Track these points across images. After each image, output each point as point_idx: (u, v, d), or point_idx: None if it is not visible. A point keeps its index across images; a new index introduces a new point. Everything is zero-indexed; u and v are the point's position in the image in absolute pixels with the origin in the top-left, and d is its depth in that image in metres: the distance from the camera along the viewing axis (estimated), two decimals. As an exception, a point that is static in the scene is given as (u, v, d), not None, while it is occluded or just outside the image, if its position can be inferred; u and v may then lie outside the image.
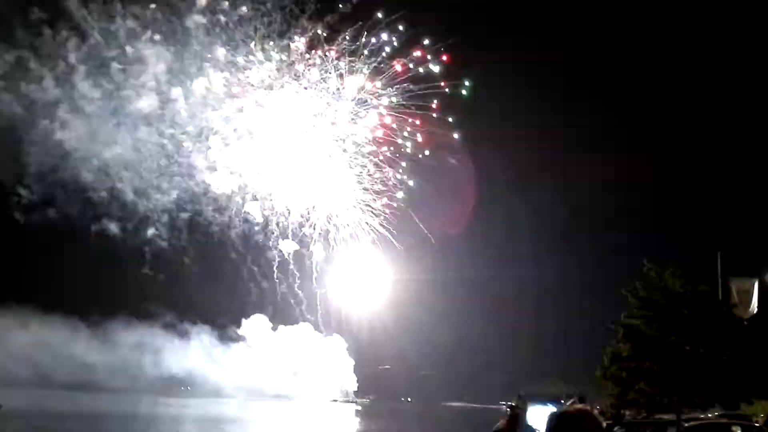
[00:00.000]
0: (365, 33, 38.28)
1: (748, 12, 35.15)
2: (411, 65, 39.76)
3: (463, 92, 41.61)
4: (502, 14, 41.20)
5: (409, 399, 55.28)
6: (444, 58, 40.88)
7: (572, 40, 40.46)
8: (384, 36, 38.73)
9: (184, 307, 40.67)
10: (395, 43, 38.92)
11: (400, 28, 38.70)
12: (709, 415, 26.26)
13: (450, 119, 41.89)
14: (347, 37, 38.27)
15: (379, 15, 38.63)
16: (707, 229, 38.43)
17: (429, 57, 39.77)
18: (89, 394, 39.51)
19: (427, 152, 42.47)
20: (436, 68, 40.28)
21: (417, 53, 39.31)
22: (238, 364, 42.96)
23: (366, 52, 38.79)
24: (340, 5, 37.82)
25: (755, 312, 34.90)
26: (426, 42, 39.26)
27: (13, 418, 27.59)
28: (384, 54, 39.01)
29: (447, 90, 41.57)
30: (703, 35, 38.17)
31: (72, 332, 38.15)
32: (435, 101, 41.68)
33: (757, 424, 21.17)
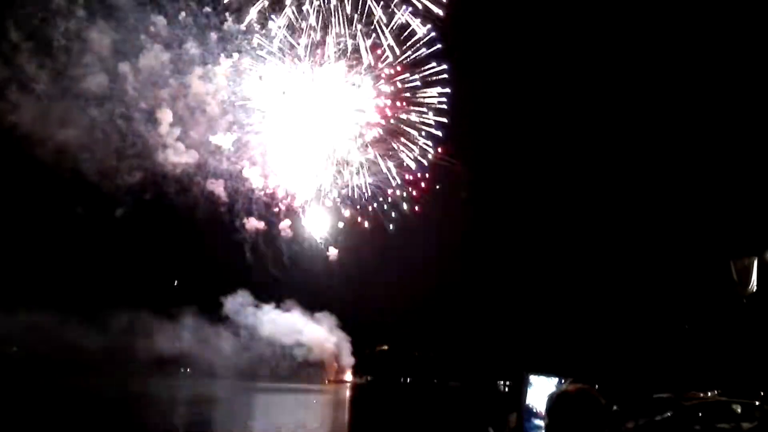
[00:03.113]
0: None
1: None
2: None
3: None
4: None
5: (408, 379, 55.40)
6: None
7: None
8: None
9: (164, 290, 40.50)
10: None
11: None
12: (709, 394, 26.16)
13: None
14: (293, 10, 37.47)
15: None
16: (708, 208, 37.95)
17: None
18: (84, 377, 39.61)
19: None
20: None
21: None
22: (226, 344, 42.74)
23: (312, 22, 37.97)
24: None
25: (755, 290, 34.69)
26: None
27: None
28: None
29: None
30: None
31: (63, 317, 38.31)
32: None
33: (757, 403, 21.02)
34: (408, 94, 40.33)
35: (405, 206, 40.79)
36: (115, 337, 38.47)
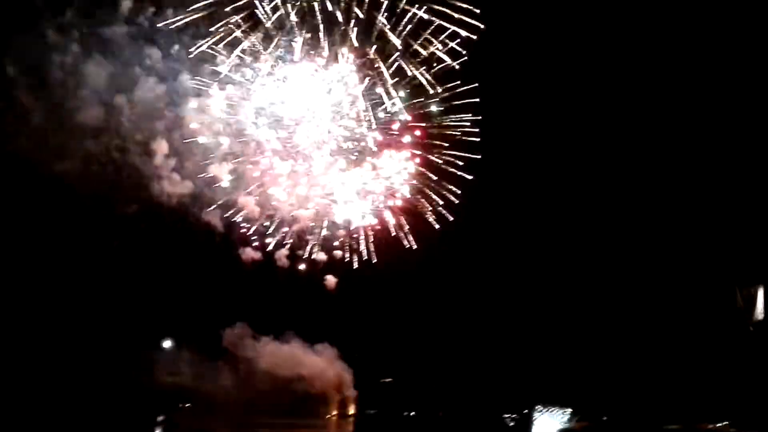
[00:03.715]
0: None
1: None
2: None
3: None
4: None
5: (412, 413, 54.71)
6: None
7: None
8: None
9: (162, 322, 40.56)
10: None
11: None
12: (718, 425, 25.77)
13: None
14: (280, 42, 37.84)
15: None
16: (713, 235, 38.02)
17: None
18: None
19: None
20: None
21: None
22: (225, 378, 42.47)
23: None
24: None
25: (761, 318, 34.51)
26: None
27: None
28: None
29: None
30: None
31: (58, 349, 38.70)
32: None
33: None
34: (424, 124, 39.10)
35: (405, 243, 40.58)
36: (112, 370, 38.33)
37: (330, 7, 35.76)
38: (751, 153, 37.44)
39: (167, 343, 41.45)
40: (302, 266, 40.34)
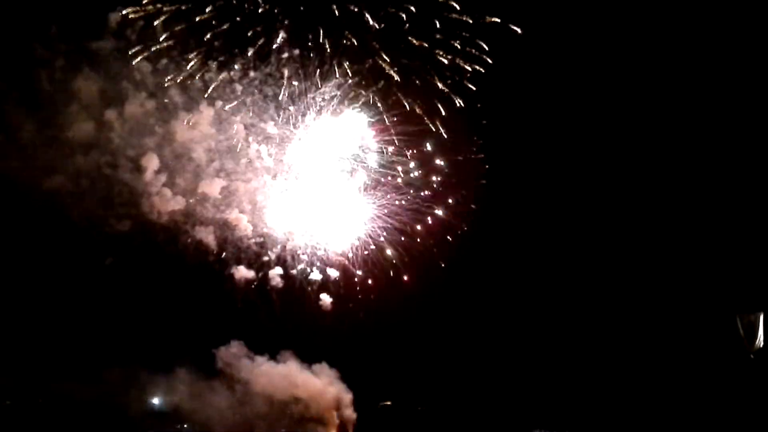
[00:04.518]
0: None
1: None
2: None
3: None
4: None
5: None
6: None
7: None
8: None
9: (156, 342, 40.38)
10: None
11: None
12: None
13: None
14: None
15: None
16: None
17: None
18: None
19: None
20: None
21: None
22: (221, 399, 42.14)
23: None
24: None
25: (762, 346, 34.24)
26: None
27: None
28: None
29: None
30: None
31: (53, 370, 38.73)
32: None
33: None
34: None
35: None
36: (107, 391, 38.19)
37: (321, 38, 36.46)
38: (751, 179, 37.42)
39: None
40: (296, 285, 40.38)
